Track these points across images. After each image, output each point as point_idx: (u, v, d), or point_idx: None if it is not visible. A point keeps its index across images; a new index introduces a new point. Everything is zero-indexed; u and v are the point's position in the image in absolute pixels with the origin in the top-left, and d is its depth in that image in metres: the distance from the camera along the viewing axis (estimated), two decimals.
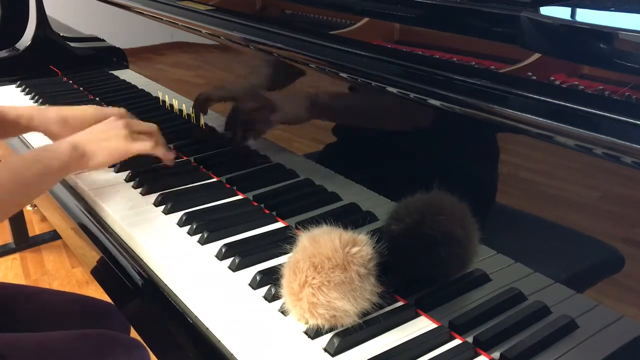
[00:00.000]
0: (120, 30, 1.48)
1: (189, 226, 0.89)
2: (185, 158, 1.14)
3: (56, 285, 2.17)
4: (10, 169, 0.81)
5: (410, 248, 0.73)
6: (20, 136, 1.31)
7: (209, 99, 1.13)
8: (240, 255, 0.80)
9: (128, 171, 1.07)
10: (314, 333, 0.67)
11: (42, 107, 1.31)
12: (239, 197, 0.99)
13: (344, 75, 0.82)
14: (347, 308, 0.65)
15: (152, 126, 1.02)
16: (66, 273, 2.25)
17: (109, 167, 1.09)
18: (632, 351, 0.59)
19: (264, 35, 0.96)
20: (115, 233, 0.93)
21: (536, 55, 0.64)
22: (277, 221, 0.91)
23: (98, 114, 1.08)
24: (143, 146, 0.96)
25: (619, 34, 0.58)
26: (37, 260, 2.33)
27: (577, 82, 0.61)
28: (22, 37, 1.79)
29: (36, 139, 1.24)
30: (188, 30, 1.14)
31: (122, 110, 1.11)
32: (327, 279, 0.64)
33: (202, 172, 1.08)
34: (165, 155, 1.02)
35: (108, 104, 1.47)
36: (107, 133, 0.94)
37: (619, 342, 0.60)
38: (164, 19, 1.20)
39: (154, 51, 1.37)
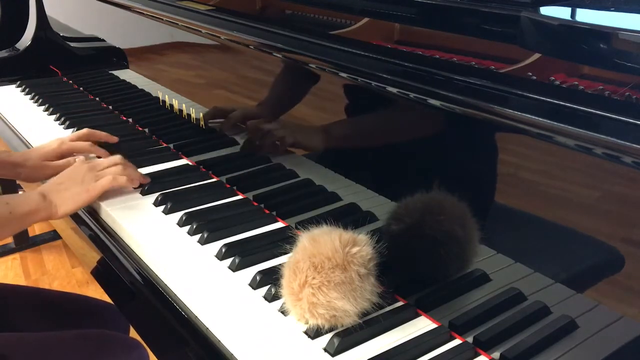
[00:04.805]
0: (120, 30, 1.48)
1: (189, 226, 0.89)
2: (185, 158, 1.14)
3: (56, 285, 2.17)
4: None
5: (410, 248, 0.73)
6: (21, 136, 1.32)
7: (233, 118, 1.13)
8: (240, 255, 0.80)
9: None
10: (314, 333, 0.67)
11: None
12: (239, 197, 0.99)
13: (344, 75, 0.82)
14: (347, 308, 0.65)
15: (114, 159, 1.01)
16: (66, 273, 2.25)
17: None
18: (632, 351, 0.59)
19: (264, 35, 0.96)
20: (115, 233, 0.93)
21: (536, 55, 0.64)
22: (277, 221, 0.91)
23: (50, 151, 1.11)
24: (105, 182, 0.96)
25: (619, 34, 0.58)
26: (37, 260, 2.33)
27: (577, 82, 0.61)
28: (22, 37, 1.79)
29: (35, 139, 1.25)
30: (188, 30, 1.14)
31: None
32: (327, 279, 0.64)
33: (202, 172, 1.08)
34: (133, 182, 1.00)
35: (108, 104, 1.47)
36: (70, 180, 0.95)
37: (619, 342, 0.60)
38: (164, 19, 1.20)
39: (154, 51, 1.37)
